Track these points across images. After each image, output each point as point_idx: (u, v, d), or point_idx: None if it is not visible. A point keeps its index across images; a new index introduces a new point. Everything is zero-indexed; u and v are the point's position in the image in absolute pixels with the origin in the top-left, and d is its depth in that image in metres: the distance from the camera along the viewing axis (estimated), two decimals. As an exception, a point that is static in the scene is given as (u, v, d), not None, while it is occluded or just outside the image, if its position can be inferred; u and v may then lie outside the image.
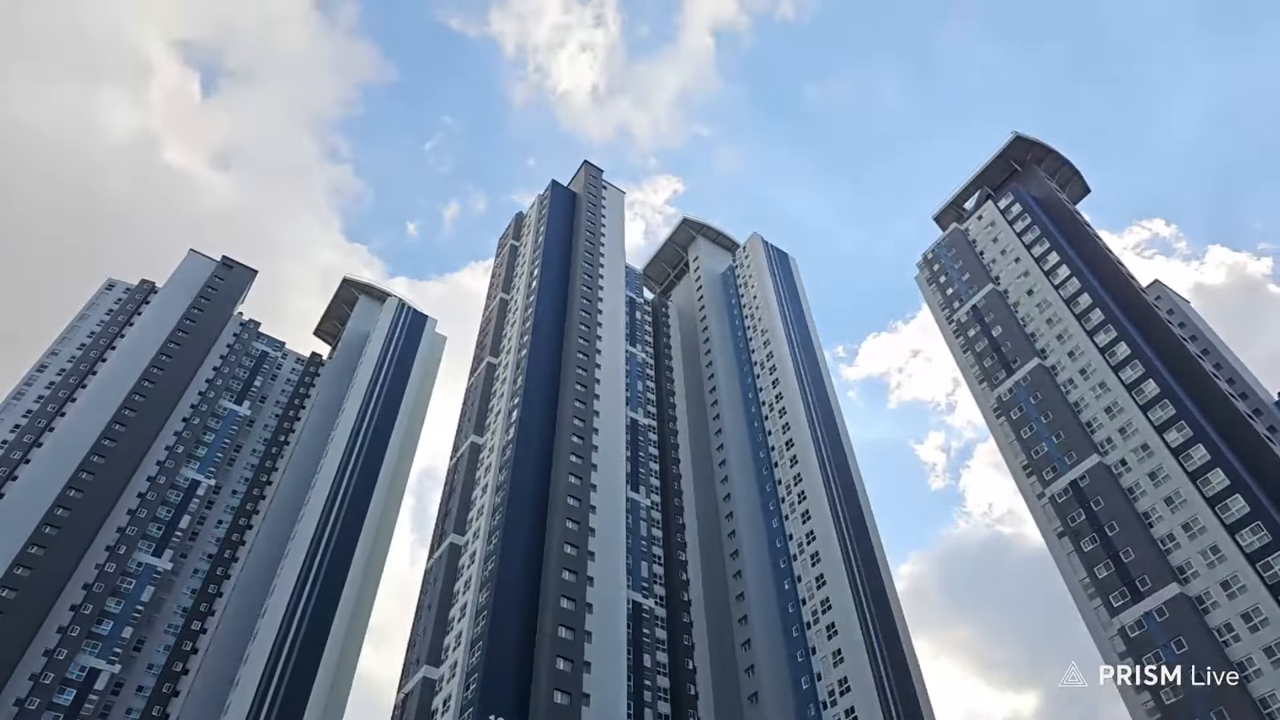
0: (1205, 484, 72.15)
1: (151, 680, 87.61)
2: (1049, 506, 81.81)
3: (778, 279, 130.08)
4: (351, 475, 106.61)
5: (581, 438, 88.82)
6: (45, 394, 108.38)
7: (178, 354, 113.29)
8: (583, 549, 77.66)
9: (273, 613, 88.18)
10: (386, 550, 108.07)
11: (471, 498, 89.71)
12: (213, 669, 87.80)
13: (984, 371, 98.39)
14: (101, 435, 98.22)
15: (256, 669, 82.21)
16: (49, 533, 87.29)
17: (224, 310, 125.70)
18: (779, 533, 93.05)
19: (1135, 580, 70.95)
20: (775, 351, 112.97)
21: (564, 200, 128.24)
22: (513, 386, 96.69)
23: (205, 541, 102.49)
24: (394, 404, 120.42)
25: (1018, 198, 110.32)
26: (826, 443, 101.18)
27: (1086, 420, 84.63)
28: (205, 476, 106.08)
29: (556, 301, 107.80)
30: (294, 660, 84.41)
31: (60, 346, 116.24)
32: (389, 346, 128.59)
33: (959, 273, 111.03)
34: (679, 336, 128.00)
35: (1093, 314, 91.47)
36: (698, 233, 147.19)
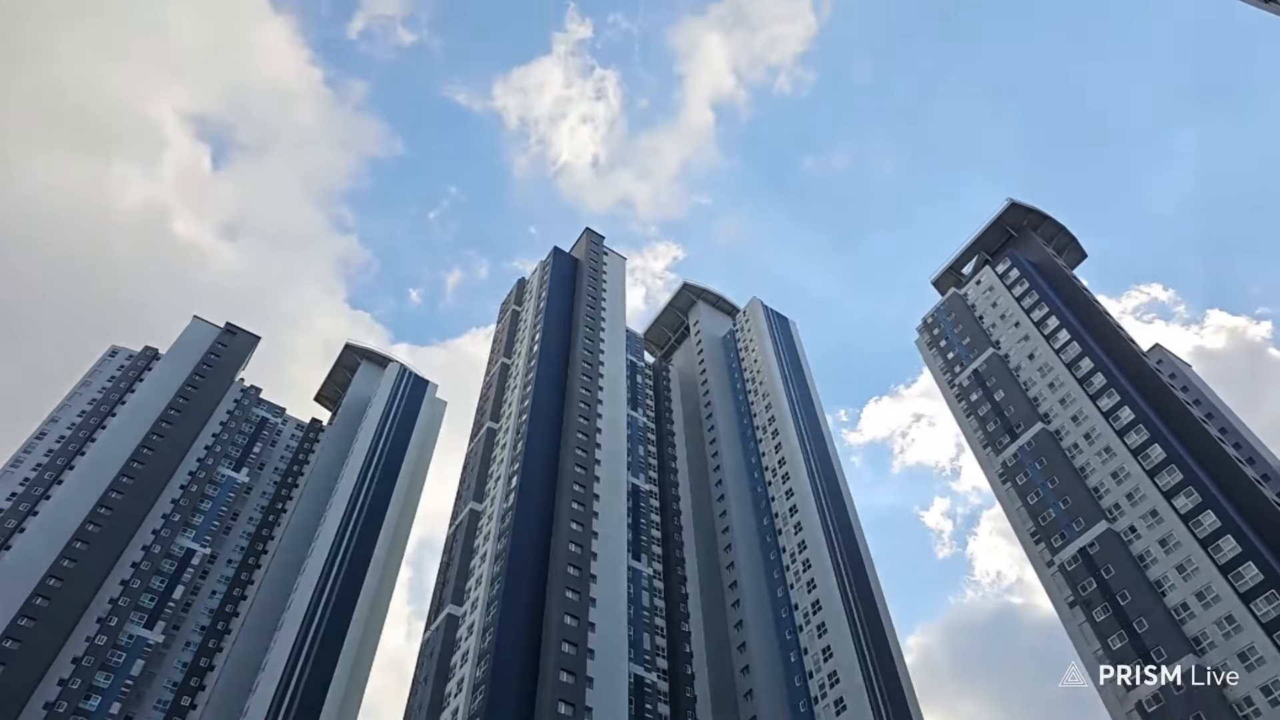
0: (1217, 551, 70.88)
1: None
2: (1059, 575, 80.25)
3: (778, 342, 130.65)
4: (348, 544, 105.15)
5: (582, 504, 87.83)
6: (43, 461, 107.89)
7: (178, 420, 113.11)
8: (583, 620, 75.98)
9: (265, 687, 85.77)
10: (382, 622, 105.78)
11: (470, 567, 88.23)
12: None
13: (988, 436, 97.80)
14: (98, 504, 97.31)
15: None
16: (40, 604, 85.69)
17: (226, 376, 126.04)
18: (784, 602, 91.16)
19: (1150, 651, 69.07)
20: (777, 415, 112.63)
21: (566, 266, 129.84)
22: (513, 452, 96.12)
23: (198, 613, 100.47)
24: (393, 470, 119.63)
25: (1015, 263, 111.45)
26: (830, 509, 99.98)
27: (1093, 485, 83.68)
28: (201, 545, 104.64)
29: (557, 366, 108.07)
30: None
31: (61, 413, 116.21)
32: (389, 412, 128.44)
33: (959, 337, 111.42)
34: (680, 400, 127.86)
35: (1095, 378, 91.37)
36: (698, 297, 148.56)
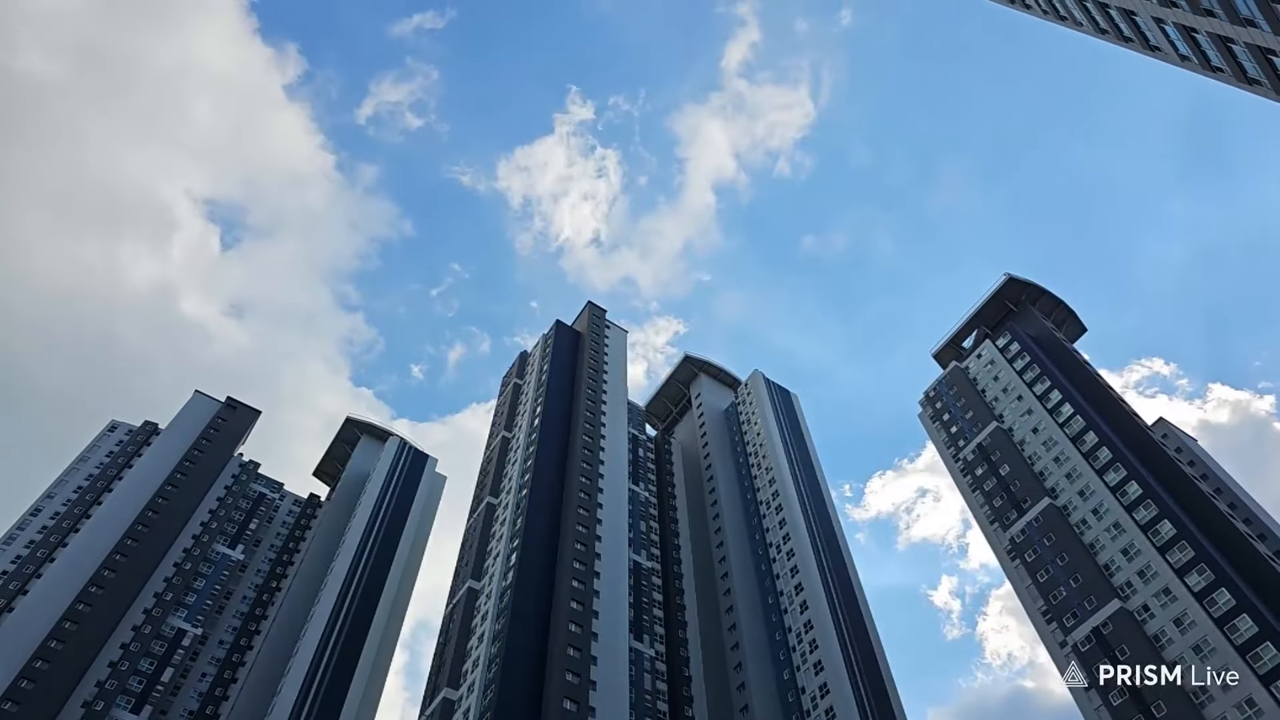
0: (1233, 631, 69.06)
1: None
2: (1072, 655, 77.97)
3: (780, 415, 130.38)
4: (343, 624, 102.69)
5: (582, 583, 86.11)
6: (37, 538, 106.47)
7: (175, 495, 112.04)
8: (583, 704, 73.57)
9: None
10: (376, 704, 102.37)
11: (467, 648, 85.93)
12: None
13: (994, 511, 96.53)
14: (89, 582, 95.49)
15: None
16: (25, 687, 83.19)
17: (225, 451, 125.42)
18: (790, 684, 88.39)
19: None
20: (780, 490, 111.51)
21: (567, 339, 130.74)
22: (512, 528, 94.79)
23: (187, 696, 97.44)
24: (391, 545, 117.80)
25: (1015, 336, 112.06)
26: (836, 586, 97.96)
27: (1104, 562, 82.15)
28: (192, 625, 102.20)
29: (558, 439, 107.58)
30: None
31: (57, 489, 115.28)
32: (389, 485, 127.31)
33: (962, 410, 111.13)
34: (683, 474, 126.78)
35: (1100, 452, 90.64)
36: (700, 370, 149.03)
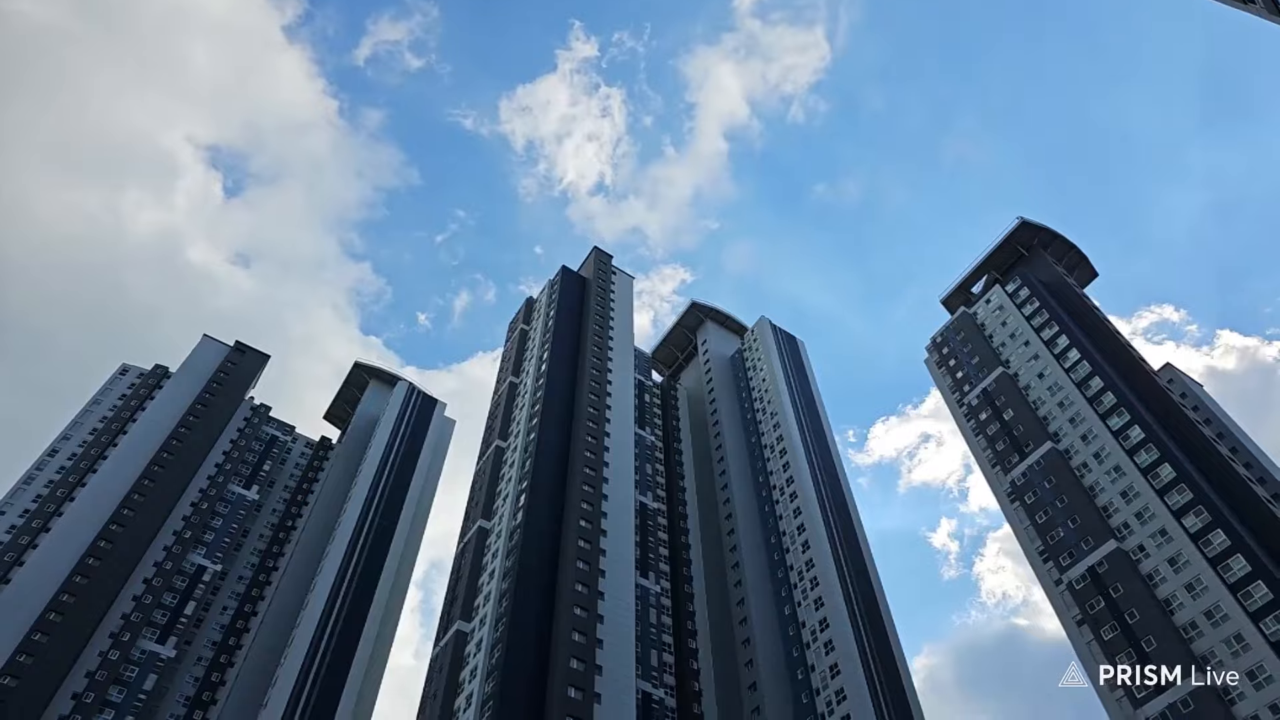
0: (1226, 570, 70.73)
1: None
2: (1067, 593, 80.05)
3: (786, 362, 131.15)
4: (358, 561, 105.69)
5: (590, 522, 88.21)
6: (55, 478, 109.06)
7: (188, 438, 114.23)
8: (591, 636, 76.18)
9: (276, 702, 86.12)
10: (392, 638, 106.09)
11: (478, 584, 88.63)
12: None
13: (996, 455, 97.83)
14: (110, 520, 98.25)
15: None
16: (54, 619, 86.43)
17: (236, 395, 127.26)
18: (791, 620, 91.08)
19: (1158, 670, 68.72)
20: (785, 435, 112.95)
21: (573, 285, 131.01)
22: (520, 470, 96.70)
23: (210, 628, 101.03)
24: (402, 487, 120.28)
25: (1025, 281, 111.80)
26: (838, 527, 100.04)
27: (1103, 505, 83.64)
28: (211, 562, 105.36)
29: (565, 384, 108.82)
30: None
31: (73, 431, 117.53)
32: (398, 429, 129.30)
33: (968, 356, 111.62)
34: (688, 420, 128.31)
35: (1105, 397, 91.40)
36: (706, 316, 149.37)
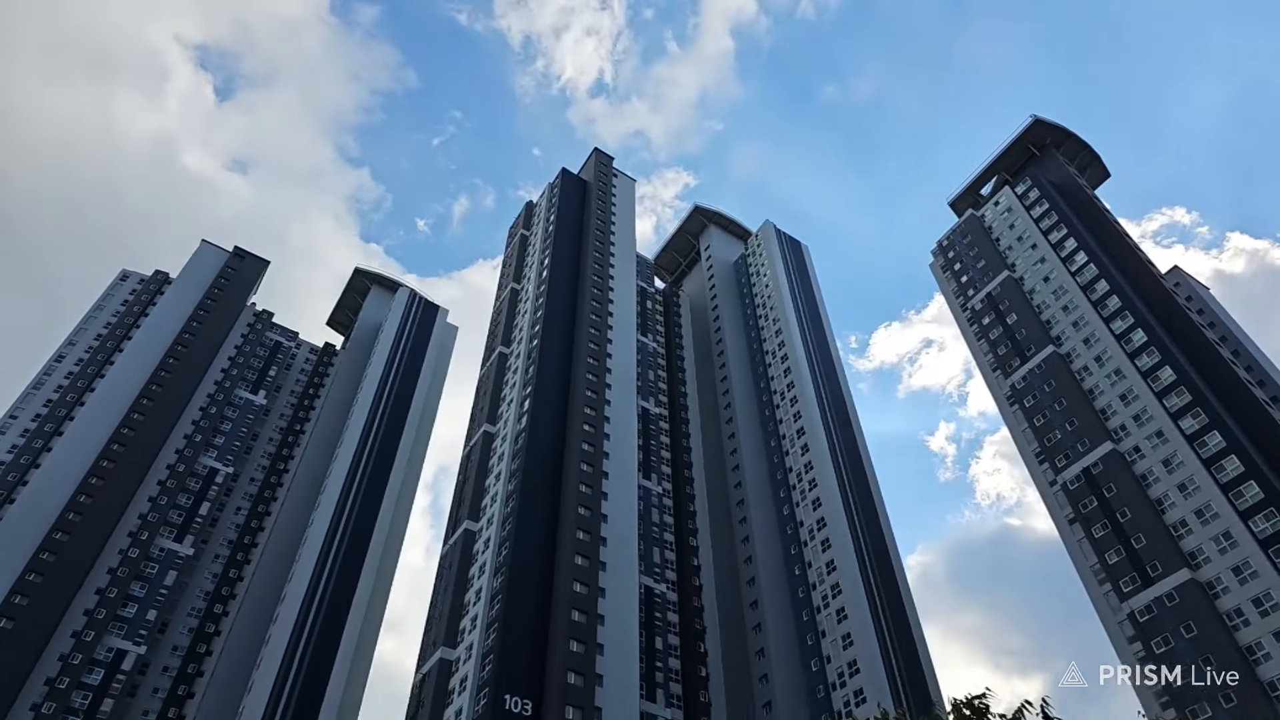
0: (1220, 470, 71.92)
1: (176, 661, 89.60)
2: (1061, 494, 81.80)
3: (790, 267, 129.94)
4: (367, 463, 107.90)
5: (593, 426, 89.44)
6: (64, 384, 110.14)
7: (193, 344, 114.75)
8: (595, 535, 78.48)
9: (293, 596, 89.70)
10: (403, 535, 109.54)
11: (485, 485, 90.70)
12: (235, 651, 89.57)
13: (998, 360, 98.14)
14: (121, 424, 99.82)
15: (278, 650, 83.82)
16: (73, 519, 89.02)
17: (237, 300, 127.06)
18: (790, 519, 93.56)
19: (1146, 566, 70.99)
20: (787, 341, 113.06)
21: (574, 188, 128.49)
22: (524, 376, 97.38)
23: (225, 528, 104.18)
24: (407, 392, 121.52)
25: (1035, 183, 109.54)
26: (838, 432, 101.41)
27: (1100, 407, 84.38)
28: (223, 464, 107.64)
29: (567, 290, 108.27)
30: (314, 642, 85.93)
31: (77, 337, 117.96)
32: (401, 336, 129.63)
33: (974, 260, 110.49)
34: (690, 326, 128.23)
35: (1109, 300, 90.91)
36: (709, 221, 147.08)
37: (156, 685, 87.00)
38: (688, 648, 79.66)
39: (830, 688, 74.95)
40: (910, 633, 79.52)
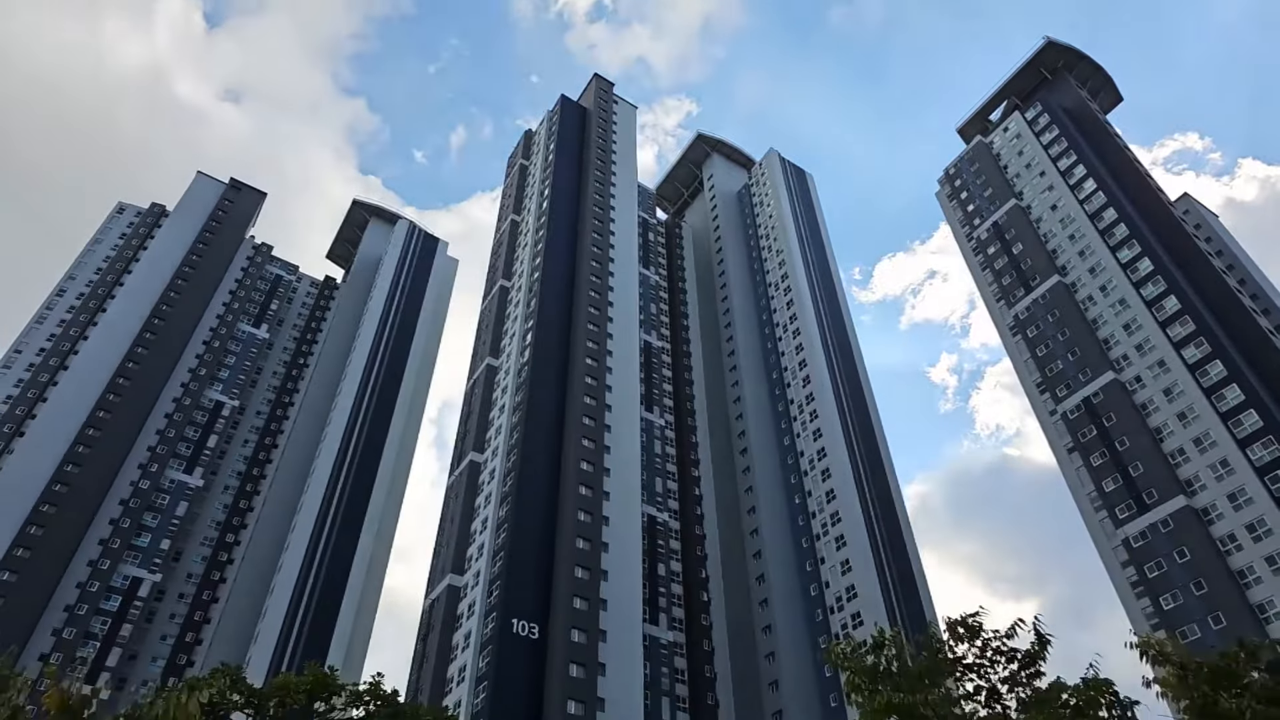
0: (1220, 399, 72.16)
1: (191, 588, 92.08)
2: (1060, 423, 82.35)
3: (794, 197, 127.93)
4: (372, 395, 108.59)
5: (595, 360, 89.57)
6: (66, 318, 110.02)
7: (193, 277, 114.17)
8: (598, 466, 79.46)
9: (302, 526, 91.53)
10: (409, 465, 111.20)
11: (489, 418, 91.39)
12: (249, 578, 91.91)
13: (1002, 290, 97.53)
14: (125, 358, 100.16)
15: (290, 577, 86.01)
16: (82, 451, 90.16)
17: (236, 233, 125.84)
18: (790, 450, 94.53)
19: (1142, 493, 71.97)
20: (790, 273, 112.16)
21: (574, 116, 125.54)
22: (526, 309, 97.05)
23: (233, 460, 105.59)
24: (410, 324, 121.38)
25: (1046, 108, 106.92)
26: (840, 363, 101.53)
27: (1104, 337, 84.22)
28: (229, 398, 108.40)
29: (568, 222, 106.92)
30: (325, 569, 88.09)
31: (77, 271, 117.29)
32: (402, 268, 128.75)
33: (981, 188, 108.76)
34: (693, 258, 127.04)
35: (1117, 229, 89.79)
36: (713, 149, 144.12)
37: (173, 611, 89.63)
38: (689, 573, 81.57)
39: (828, 611, 76.99)
40: (908, 559, 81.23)
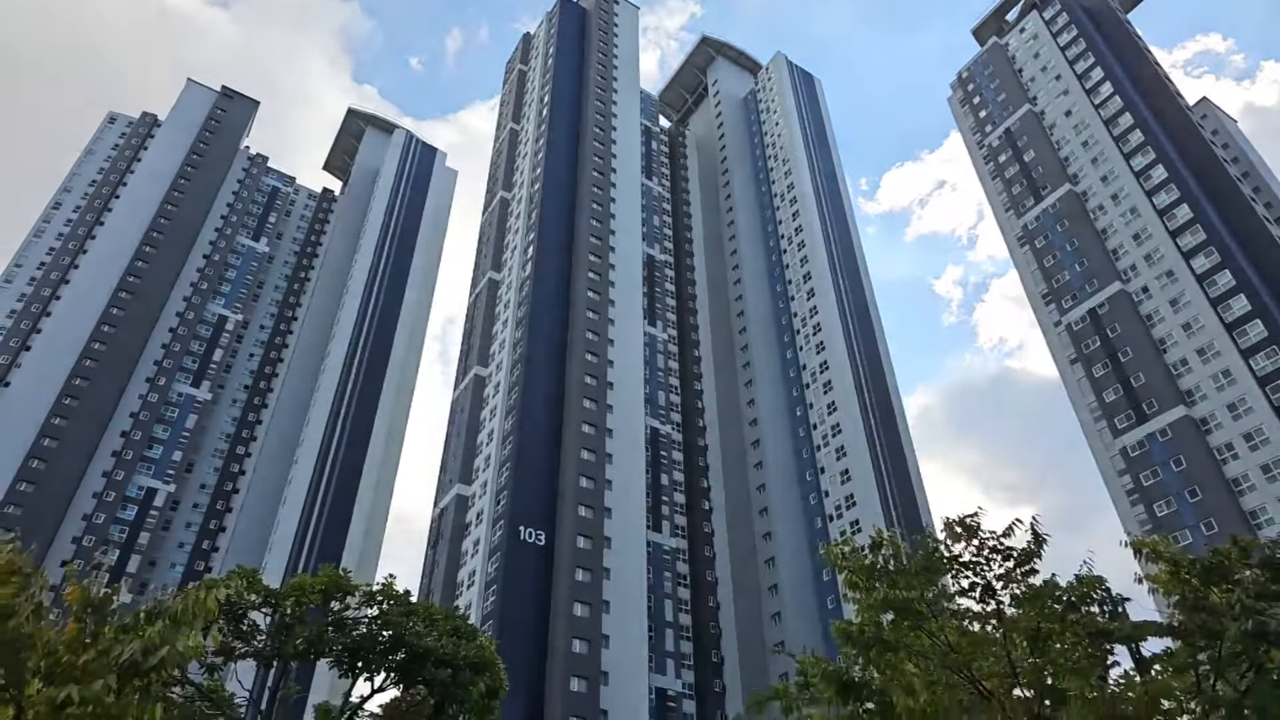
0: (1226, 309, 71.80)
1: (205, 498, 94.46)
2: (1065, 334, 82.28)
3: (802, 103, 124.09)
4: (375, 307, 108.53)
5: (598, 274, 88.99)
6: (64, 231, 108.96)
7: (189, 189, 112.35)
8: (602, 380, 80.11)
9: (311, 437, 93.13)
10: (415, 379, 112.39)
11: (493, 332, 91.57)
12: (261, 488, 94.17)
13: (1011, 199, 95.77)
14: (126, 272, 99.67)
15: (301, 487, 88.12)
16: (89, 365, 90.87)
17: (230, 143, 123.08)
18: (793, 363, 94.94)
19: (1143, 403, 72.53)
20: (797, 183, 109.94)
21: (574, 18, 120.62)
22: (527, 222, 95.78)
23: (239, 373, 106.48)
24: (410, 234, 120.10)
25: (1064, 6, 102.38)
26: (845, 275, 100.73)
27: (1112, 247, 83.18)
28: (232, 312, 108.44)
29: (569, 130, 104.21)
30: (335, 479, 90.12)
31: (72, 183, 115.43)
32: (401, 179, 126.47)
33: (994, 93, 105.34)
34: (696, 168, 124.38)
35: (1132, 135, 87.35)
36: (717, 53, 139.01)
37: (189, 520, 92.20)
38: (691, 483, 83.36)
39: (827, 519, 78.96)
40: (906, 470, 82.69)
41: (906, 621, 13.07)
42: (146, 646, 8.85)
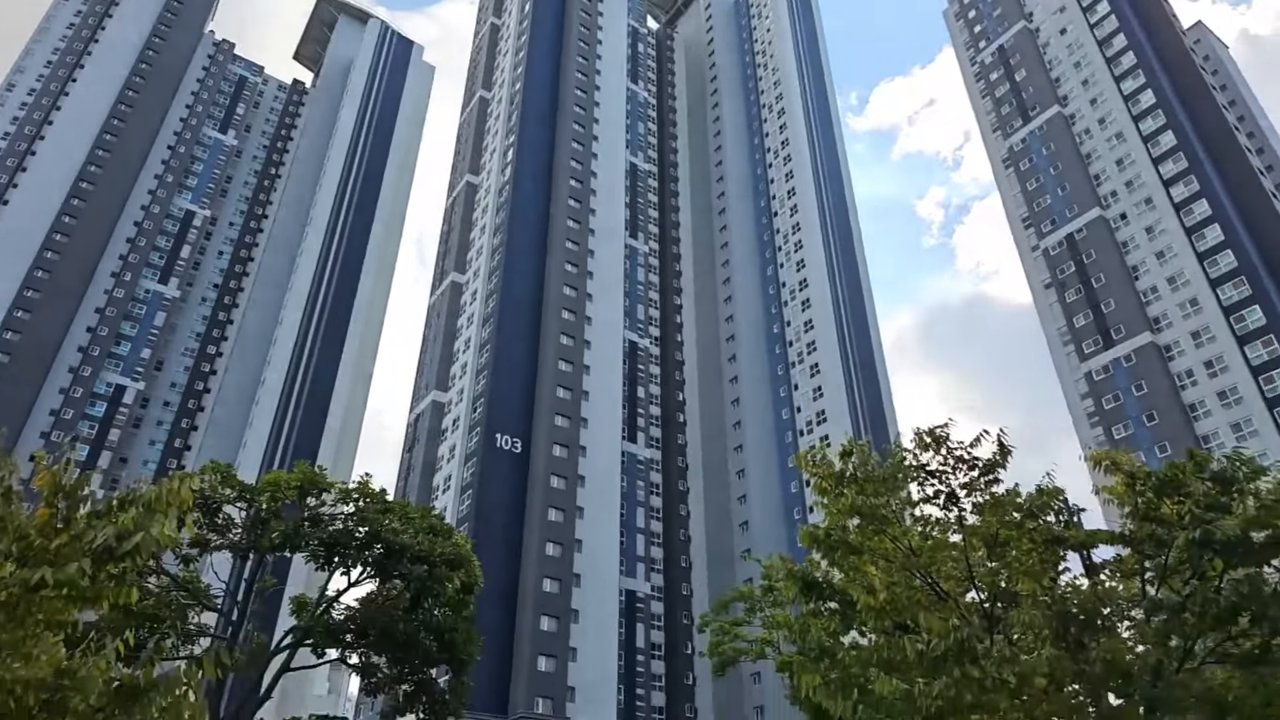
0: (1200, 239, 72.39)
1: (177, 396, 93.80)
2: (1041, 259, 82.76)
3: (795, 9, 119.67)
4: (350, 205, 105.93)
5: (580, 182, 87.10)
6: (19, 114, 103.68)
7: (150, 75, 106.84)
8: (581, 291, 79.61)
9: (284, 337, 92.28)
10: (390, 280, 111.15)
11: (470, 238, 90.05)
12: (234, 388, 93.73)
13: (1000, 119, 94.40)
14: (86, 161, 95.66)
15: (275, 387, 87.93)
16: (50, 257, 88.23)
17: (193, 26, 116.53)
18: (773, 280, 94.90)
19: (1110, 329, 73.85)
20: (786, 95, 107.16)
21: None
22: (507, 124, 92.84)
23: (209, 271, 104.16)
24: (386, 132, 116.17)
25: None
26: (829, 193, 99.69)
27: (1095, 173, 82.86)
28: (199, 207, 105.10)
29: (552, 27, 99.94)
30: (310, 378, 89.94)
31: (25, 63, 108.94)
32: (375, 73, 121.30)
33: (991, 6, 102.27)
34: (684, 74, 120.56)
35: (1124, 57, 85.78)
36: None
37: (160, 418, 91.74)
38: (667, 396, 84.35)
39: (798, 434, 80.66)
40: (878, 388, 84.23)
41: (872, 526, 13.51)
42: (120, 532, 8.83)
